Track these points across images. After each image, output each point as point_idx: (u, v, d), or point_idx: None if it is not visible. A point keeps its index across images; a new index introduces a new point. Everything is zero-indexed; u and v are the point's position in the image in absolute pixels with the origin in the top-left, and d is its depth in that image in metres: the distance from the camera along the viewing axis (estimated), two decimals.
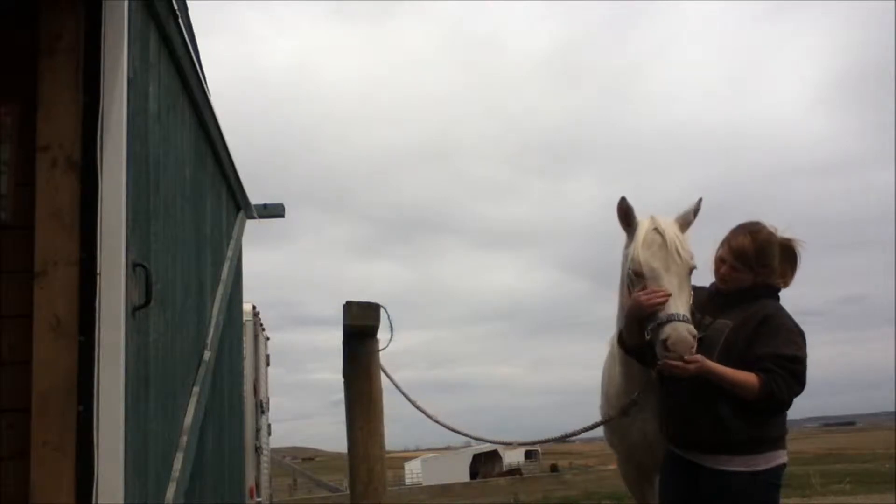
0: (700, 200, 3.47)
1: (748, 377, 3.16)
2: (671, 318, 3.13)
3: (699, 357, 3.13)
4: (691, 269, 3.35)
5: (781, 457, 3.28)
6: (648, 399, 3.57)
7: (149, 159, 3.37)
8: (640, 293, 3.26)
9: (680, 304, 3.20)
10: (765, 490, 3.23)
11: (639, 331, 3.30)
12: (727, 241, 3.46)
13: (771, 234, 3.43)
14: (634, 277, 3.35)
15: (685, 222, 3.45)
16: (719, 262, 3.48)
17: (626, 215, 3.47)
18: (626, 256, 3.47)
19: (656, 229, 3.34)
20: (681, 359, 3.10)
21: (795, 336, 3.26)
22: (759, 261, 3.36)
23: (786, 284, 3.48)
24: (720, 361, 3.24)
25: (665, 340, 3.12)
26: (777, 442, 3.28)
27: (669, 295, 3.19)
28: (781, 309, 3.38)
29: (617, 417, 3.72)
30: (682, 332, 3.10)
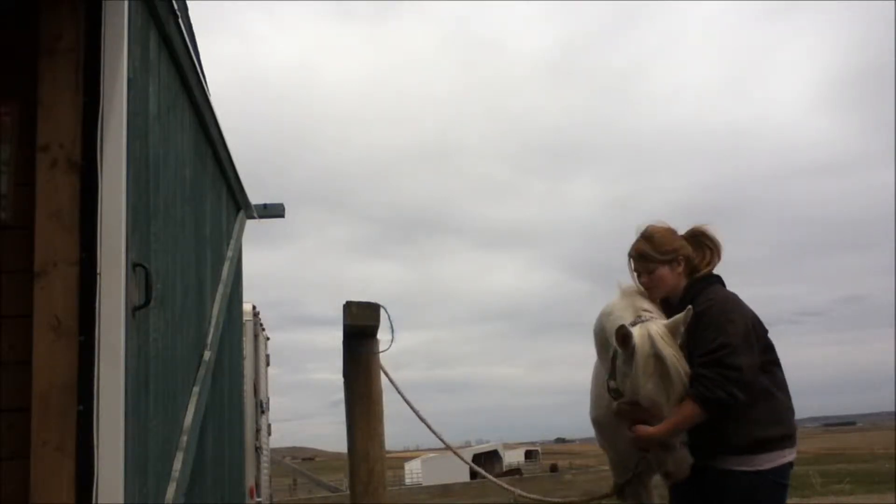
0: (690, 310, 3.23)
1: (684, 406, 3.14)
2: (670, 446, 3.18)
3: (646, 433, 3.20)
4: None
5: (787, 455, 3.25)
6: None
7: (149, 159, 3.36)
8: (624, 406, 3.28)
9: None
10: (770, 489, 3.21)
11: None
12: (629, 256, 3.54)
13: (654, 225, 3.50)
14: (630, 397, 3.28)
15: (676, 329, 3.24)
16: (638, 278, 3.52)
17: (625, 341, 3.24)
18: (621, 368, 3.29)
19: (656, 355, 3.16)
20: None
21: (720, 326, 3.19)
22: (658, 248, 3.41)
23: (710, 264, 3.46)
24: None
25: (667, 473, 3.24)
26: (782, 441, 3.25)
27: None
28: (711, 297, 3.32)
29: (621, 488, 3.81)
30: (684, 468, 3.19)
